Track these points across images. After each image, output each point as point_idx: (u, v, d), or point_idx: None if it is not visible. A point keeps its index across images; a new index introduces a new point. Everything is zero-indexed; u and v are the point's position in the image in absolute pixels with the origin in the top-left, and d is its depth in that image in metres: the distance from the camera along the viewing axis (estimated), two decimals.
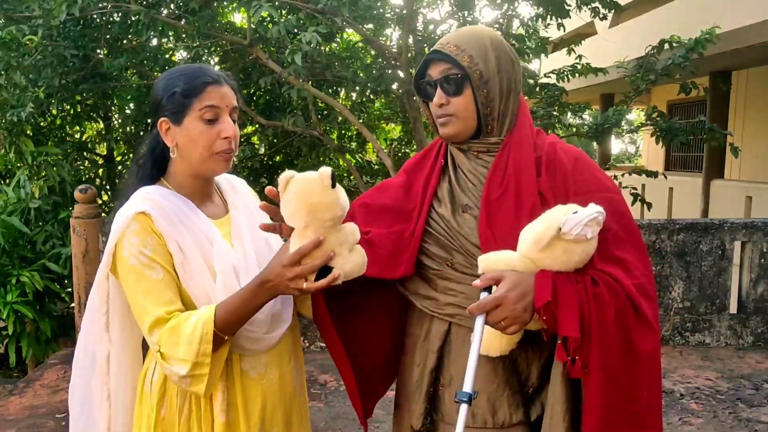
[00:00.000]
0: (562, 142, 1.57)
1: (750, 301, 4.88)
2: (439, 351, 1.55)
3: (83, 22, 5.55)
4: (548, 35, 6.95)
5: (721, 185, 10.76)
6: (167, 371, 1.36)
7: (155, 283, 1.37)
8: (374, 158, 7.99)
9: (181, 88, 1.41)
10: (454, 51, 1.48)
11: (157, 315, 1.35)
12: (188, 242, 1.41)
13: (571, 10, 5.97)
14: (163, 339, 1.34)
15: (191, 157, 1.43)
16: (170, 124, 1.43)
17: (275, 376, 1.51)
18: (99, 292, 1.48)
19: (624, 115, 5.88)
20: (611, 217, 1.40)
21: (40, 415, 3.70)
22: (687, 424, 3.59)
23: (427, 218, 1.56)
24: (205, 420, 1.43)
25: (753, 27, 8.11)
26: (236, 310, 1.35)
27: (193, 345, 1.31)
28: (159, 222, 1.39)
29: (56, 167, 5.58)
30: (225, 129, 1.42)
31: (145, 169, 1.50)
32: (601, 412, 1.32)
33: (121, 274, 1.41)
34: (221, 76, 1.46)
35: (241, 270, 1.46)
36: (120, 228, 1.39)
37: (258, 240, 1.54)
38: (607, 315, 1.32)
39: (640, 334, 1.36)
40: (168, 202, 1.43)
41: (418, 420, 1.58)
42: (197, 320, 1.34)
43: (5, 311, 4.86)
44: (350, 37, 7.20)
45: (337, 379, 4.16)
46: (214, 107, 1.41)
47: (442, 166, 1.60)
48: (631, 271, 1.38)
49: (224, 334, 1.35)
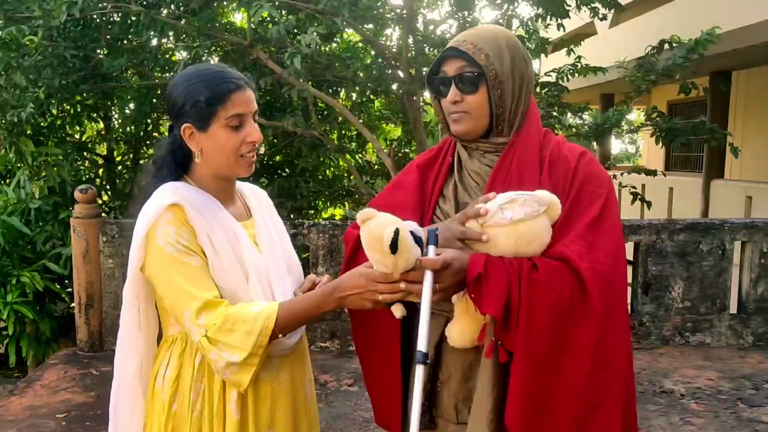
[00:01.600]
0: (568, 142, 1.58)
1: (750, 301, 4.88)
2: (436, 347, 1.54)
3: (83, 22, 5.56)
4: (548, 35, 6.96)
5: (721, 185, 10.76)
6: (213, 356, 1.35)
7: (195, 270, 1.37)
8: (374, 158, 8.00)
9: (206, 97, 1.41)
10: (471, 49, 1.48)
11: (207, 299, 1.35)
12: (219, 236, 1.42)
13: (570, 10, 5.98)
14: (216, 324, 1.34)
15: (217, 161, 1.45)
16: (194, 130, 1.43)
17: (286, 380, 1.52)
18: (132, 288, 1.47)
19: (624, 115, 5.89)
20: (596, 204, 1.43)
21: (41, 416, 3.70)
22: (688, 424, 3.59)
23: (433, 216, 1.57)
24: (218, 416, 1.43)
25: (753, 27, 8.11)
26: (300, 313, 1.39)
27: (252, 336, 1.33)
28: (190, 213, 1.39)
29: (56, 167, 5.59)
30: (250, 134, 1.43)
31: (167, 170, 1.49)
32: (524, 398, 1.32)
33: (154, 263, 1.40)
34: (243, 79, 1.46)
35: (271, 272, 1.48)
36: (152, 218, 1.38)
37: (282, 246, 1.58)
38: (540, 300, 1.32)
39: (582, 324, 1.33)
40: (196, 197, 1.44)
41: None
42: (260, 312, 1.35)
43: (5, 311, 4.86)
44: (350, 37, 7.21)
45: (337, 379, 4.16)
46: (239, 115, 1.42)
47: (449, 165, 1.61)
48: (595, 256, 1.36)
49: (281, 332, 1.37)
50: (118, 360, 1.52)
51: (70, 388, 4.08)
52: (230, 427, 1.42)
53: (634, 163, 22.53)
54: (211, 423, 1.43)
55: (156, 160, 1.53)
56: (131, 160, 7.15)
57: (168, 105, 1.49)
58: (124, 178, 7.01)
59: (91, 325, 4.73)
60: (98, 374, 4.33)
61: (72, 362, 4.55)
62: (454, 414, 1.54)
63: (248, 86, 1.46)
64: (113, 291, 4.73)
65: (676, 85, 5.86)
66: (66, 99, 5.78)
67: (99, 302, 4.73)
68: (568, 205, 1.43)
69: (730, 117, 11.09)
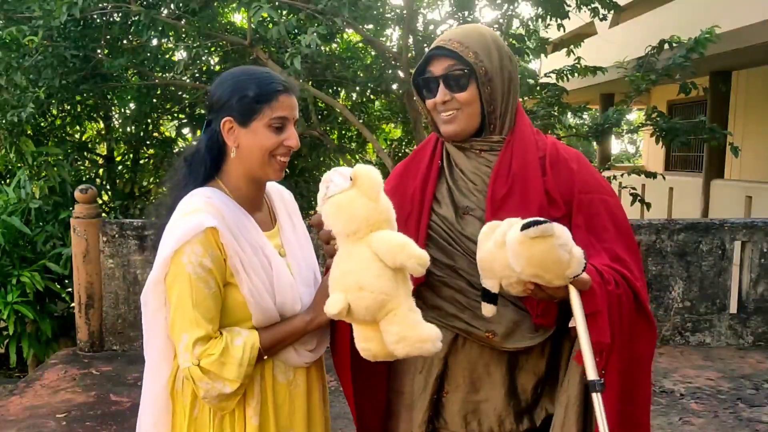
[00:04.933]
0: (561, 143, 1.58)
1: (750, 301, 4.88)
2: (444, 358, 1.52)
3: (83, 22, 5.55)
4: (548, 35, 6.96)
5: (721, 185, 10.76)
6: (204, 385, 1.38)
7: (206, 297, 1.39)
8: (374, 158, 7.99)
9: (254, 93, 1.42)
10: (458, 47, 1.46)
11: (207, 331, 1.38)
12: (250, 257, 1.43)
13: (570, 10, 5.98)
14: (213, 355, 1.37)
15: (251, 159, 1.45)
16: (235, 124, 1.44)
17: (301, 384, 1.55)
18: (156, 296, 1.44)
19: (624, 115, 5.89)
20: (609, 220, 1.43)
21: (41, 416, 3.69)
22: (688, 424, 3.59)
23: (429, 222, 1.52)
24: (239, 422, 1.46)
25: (753, 27, 8.11)
26: (284, 337, 1.47)
27: (242, 368, 1.39)
28: (225, 236, 1.39)
29: (56, 167, 5.59)
30: (289, 138, 1.45)
31: (201, 169, 1.48)
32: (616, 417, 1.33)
33: (173, 277, 1.40)
34: (290, 84, 1.48)
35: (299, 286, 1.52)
36: (185, 236, 1.38)
37: (307, 255, 1.60)
38: (624, 319, 1.33)
39: (644, 336, 1.36)
40: (229, 211, 1.44)
41: (420, 428, 1.55)
42: (245, 344, 1.40)
43: (6, 311, 4.86)
44: (350, 37, 7.20)
45: (338, 379, 4.15)
46: (283, 118, 1.44)
47: (438, 168, 1.56)
48: (633, 272, 1.39)
49: (270, 356, 1.46)
50: (150, 369, 1.50)
51: (70, 388, 4.09)
52: (250, 430, 1.46)
53: (634, 164, 22.51)
54: (232, 427, 1.46)
55: (188, 156, 1.52)
56: (131, 160, 7.15)
57: (211, 100, 1.49)
58: (124, 178, 7.01)
59: (91, 325, 4.73)
60: (98, 374, 4.33)
61: (72, 362, 4.55)
62: (462, 424, 1.52)
63: (294, 93, 1.48)
64: (113, 291, 4.73)
65: (676, 85, 5.85)
66: (66, 99, 5.78)
67: (99, 302, 4.73)
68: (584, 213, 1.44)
69: (730, 117, 11.08)
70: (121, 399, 3.92)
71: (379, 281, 1.27)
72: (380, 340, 1.31)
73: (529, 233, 1.19)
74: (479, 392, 1.51)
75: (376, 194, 1.32)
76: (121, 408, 3.80)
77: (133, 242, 4.71)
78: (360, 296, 1.27)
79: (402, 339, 1.27)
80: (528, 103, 6.56)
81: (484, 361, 1.50)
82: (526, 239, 1.20)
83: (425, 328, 1.29)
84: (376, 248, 1.28)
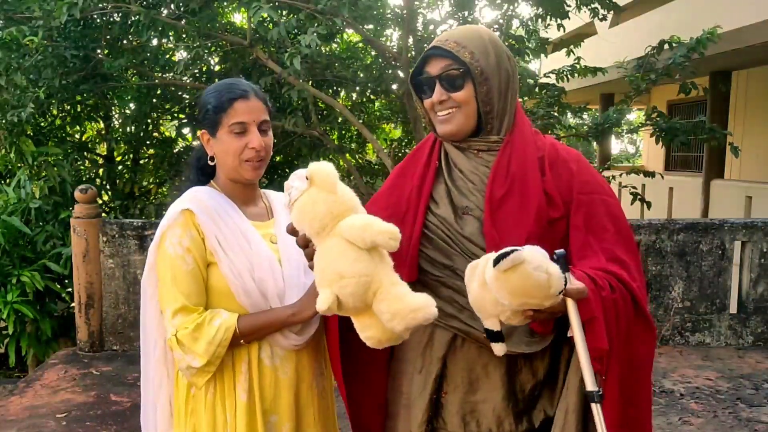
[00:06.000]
0: (560, 143, 1.58)
1: (750, 301, 4.88)
2: (443, 358, 1.53)
3: (84, 22, 5.56)
4: (548, 35, 6.96)
5: (721, 185, 10.76)
6: (177, 355, 1.52)
7: (184, 274, 1.53)
8: (374, 158, 7.99)
9: (213, 105, 1.59)
10: (455, 47, 1.46)
11: (183, 303, 1.52)
12: (228, 238, 1.56)
13: (570, 10, 5.98)
14: (187, 329, 1.51)
15: (226, 165, 1.62)
16: (209, 136, 1.62)
17: (290, 371, 1.61)
18: (149, 281, 1.61)
19: (624, 115, 5.88)
20: (609, 220, 1.43)
21: (41, 415, 3.70)
22: (687, 423, 3.59)
23: (425, 221, 1.52)
24: (228, 398, 1.57)
25: (753, 27, 8.11)
26: (263, 326, 1.55)
27: (212, 346, 1.50)
28: (201, 218, 1.55)
29: (56, 167, 5.59)
30: (251, 141, 1.57)
31: (193, 174, 1.70)
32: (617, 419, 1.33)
33: (158, 261, 1.57)
34: (250, 90, 1.60)
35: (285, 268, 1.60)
36: (166, 222, 1.57)
37: None
38: (621, 323, 1.33)
39: (643, 337, 1.36)
40: (213, 201, 1.60)
41: (420, 428, 1.55)
42: (220, 325, 1.51)
43: (6, 311, 4.86)
44: (350, 37, 7.20)
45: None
46: (241, 123, 1.57)
47: (436, 167, 1.56)
48: (631, 273, 1.39)
49: (247, 341, 1.55)
50: (146, 342, 1.65)
51: (70, 388, 4.09)
52: (240, 408, 1.56)
53: (634, 164, 22.51)
54: (223, 404, 1.57)
55: (188, 163, 1.75)
56: (131, 160, 7.15)
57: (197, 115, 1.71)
58: (124, 178, 7.01)
59: (91, 325, 4.73)
60: (98, 374, 4.33)
61: (72, 362, 4.55)
62: (461, 424, 1.53)
63: (256, 97, 1.60)
64: (113, 291, 4.74)
65: (676, 85, 5.85)
66: (66, 99, 5.78)
67: (99, 302, 4.73)
68: (583, 213, 1.44)
69: (730, 117, 11.08)
70: (121, 399, 3.92)
71: (357, 265, 1.29)
72: (379, 324, 1.33)
73: (501, 267, 1.20)
74: (478, 393, 1.51)
75: (332, 186, 1.35)
76: (121, 408, 3.80)
77: (133, 242, 4.71)
78: (343, 284, 1.29)
79: (394, 314, 1.29)
80: (528, 103, 6.57)
81: (482, 362, 1.50)
82: (499, 274, 1.21)
83: (414, 298, 1.30)
84: (346, 234, 1.31)
